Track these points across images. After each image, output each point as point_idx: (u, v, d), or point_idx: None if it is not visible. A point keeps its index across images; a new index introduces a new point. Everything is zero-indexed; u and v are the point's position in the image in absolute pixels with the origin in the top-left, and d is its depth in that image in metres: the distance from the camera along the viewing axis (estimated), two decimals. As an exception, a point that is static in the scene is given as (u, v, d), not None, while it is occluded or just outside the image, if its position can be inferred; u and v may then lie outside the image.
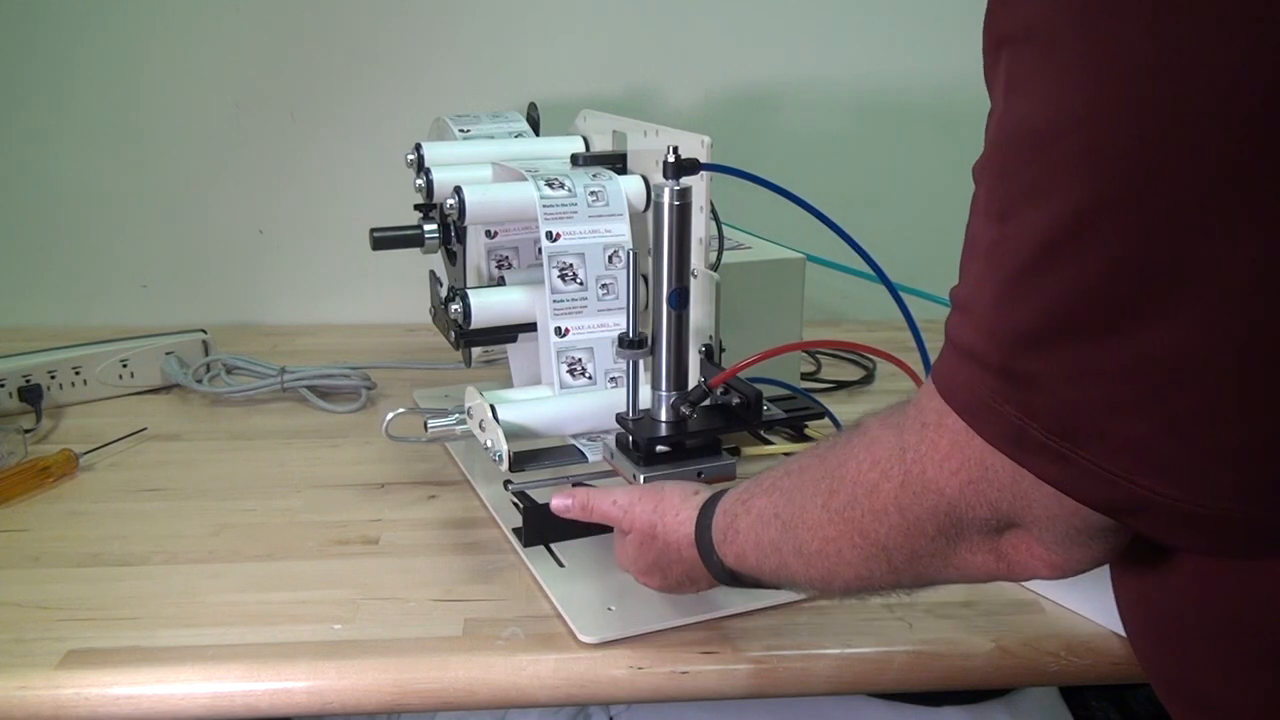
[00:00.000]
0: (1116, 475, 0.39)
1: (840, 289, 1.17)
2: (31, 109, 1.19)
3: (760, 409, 0.67)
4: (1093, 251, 0.37)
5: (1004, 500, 0.43)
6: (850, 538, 0.49)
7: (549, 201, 0.73)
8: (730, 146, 0.75)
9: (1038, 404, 0.40)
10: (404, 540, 0.77)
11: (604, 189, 0.75)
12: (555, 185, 0.74)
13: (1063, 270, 0.38)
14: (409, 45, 1.20)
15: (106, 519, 0.80)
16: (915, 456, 0.46)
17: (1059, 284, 0.38)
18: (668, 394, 0.66)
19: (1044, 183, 0.38)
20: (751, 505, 0.56)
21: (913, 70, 1.24)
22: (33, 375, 1.00)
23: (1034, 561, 0.46)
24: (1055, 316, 0.38)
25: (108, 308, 1.25)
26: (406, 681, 0.62)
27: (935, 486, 0.45)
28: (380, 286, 1.26)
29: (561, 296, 0.72)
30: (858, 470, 0.49)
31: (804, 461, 0.54)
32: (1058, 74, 0.37)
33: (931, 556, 0.48)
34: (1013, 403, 0.40)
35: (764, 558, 0.55)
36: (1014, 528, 0.45)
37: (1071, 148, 0.37)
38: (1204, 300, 0.35)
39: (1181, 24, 0.34)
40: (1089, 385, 0.38)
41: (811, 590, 0.56)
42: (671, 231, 0.64)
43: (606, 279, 0.73)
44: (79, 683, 0.61)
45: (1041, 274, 0.38)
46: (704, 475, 0.67)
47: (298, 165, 1.23)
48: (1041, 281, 0.38)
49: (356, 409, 1.02)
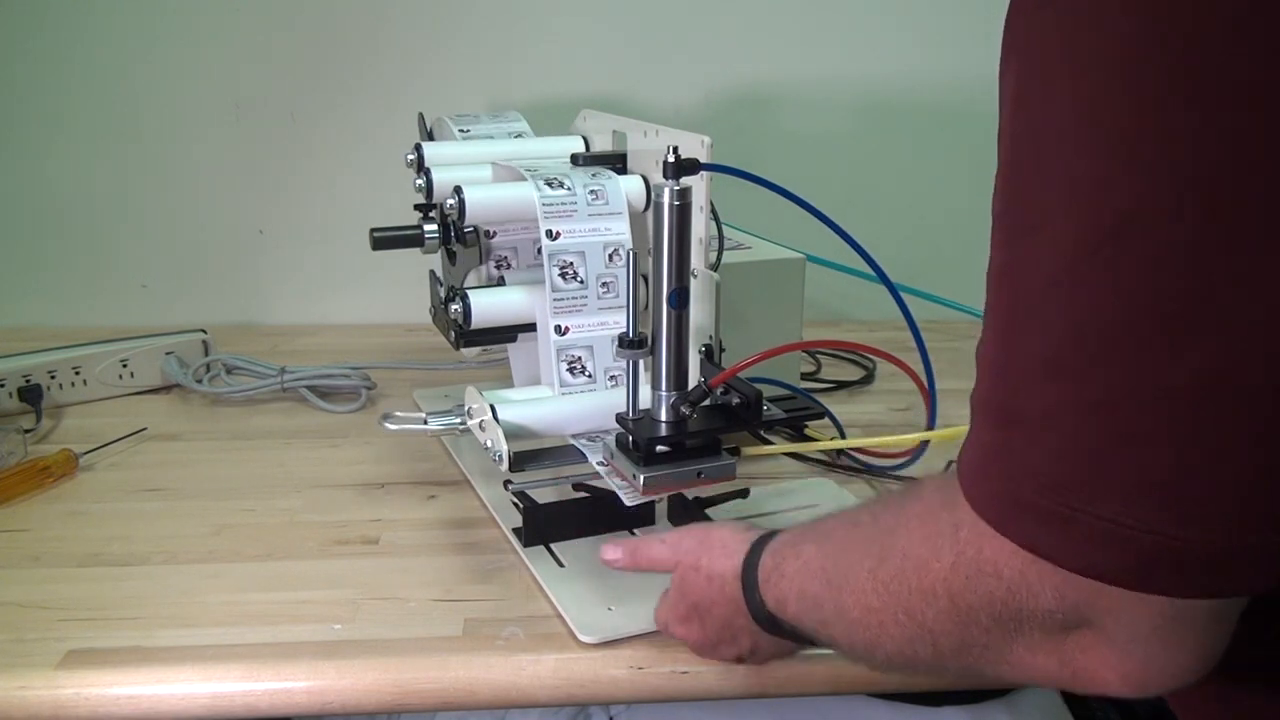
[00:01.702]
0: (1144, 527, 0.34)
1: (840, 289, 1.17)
2: (31, 109, 1.19)
3: (760, 409, 0.67)
4: (1130, 257, 0.34)
5: (1070, 587, 0.37)
6: (894, 614, 0.44)
7: (549, 200, 0.73)
8: (730, 146, 0.75)
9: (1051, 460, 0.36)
10: (404, 540, 0.77)
11: (604, 188, 0.75)
12: (555, 184, 0.74)
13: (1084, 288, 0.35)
14: (409, 45, 1.20)
15: (106, 519, 0.80)
16: (971, 534, 0.40)
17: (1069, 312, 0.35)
18: (668, 394, 0.66)
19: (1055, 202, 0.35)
20: (801, 551, 0.53)
21: (913, 70, 1.24)
22: (33, 375, 1.00)
23: (1104, 670, 0.39)
24: (1068, 344, 0.35)
25: (108, 308, 1.25)
26: (406, 681, 0.62)
27: (992, 568, 0.39)
28: (380, 286, 1.26)
29: (562, 295, 0.72)
30: (908, 542, 0.44)
31: (861, 515, 0.50)
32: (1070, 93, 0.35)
33: (984, 649, 0.42)
34: (1064, 494, 0.36)
35: (805, 610, 0.51)
36: (1083, 626, 0.39)
37: (1080, 170, 0.35)
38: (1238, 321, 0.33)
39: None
40: (1107, 416, 0.35)
41: (853, 656, 0.50)
42: (671, 231, 0.64)
43: (606, 277, 0.73)
44: (79, 683, 0.61)
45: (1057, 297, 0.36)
46: (704, 475, 0.67)
47: (297, 165, 1.23)
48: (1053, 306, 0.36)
49: (356, 409, 1.02)
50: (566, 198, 0.73)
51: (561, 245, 0.72)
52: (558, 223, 0.72)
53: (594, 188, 0.74)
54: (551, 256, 0.72)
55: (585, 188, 0.74)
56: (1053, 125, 0.36)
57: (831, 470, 0.89)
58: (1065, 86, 0.35)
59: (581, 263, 0.73)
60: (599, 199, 0.74)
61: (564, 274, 0.72)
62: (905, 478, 0.86)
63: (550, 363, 0.73)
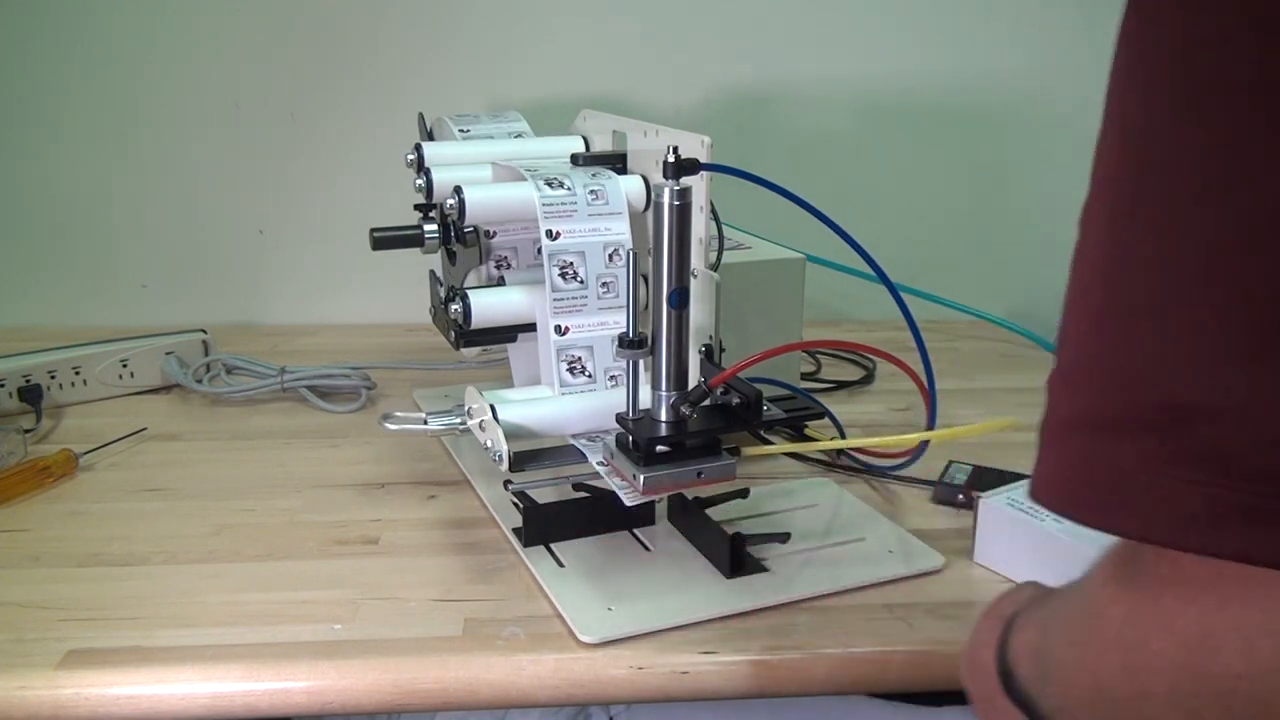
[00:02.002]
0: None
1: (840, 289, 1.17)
2: (30, 108, 1.19)
3: (760, 409, 0.67)
4: None
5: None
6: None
7: (549, 200, 0.73)
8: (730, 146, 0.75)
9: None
10: (404, 540, 0.77)
11: (604, 188, 0.75)
12: (555, 184, 0.74)
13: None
14: (409, 45, 1.20)
15: (106, 519, 0.80)
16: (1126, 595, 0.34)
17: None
18: (668, 394, 0.66)
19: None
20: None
21: (913, 70, 1.24)
22: (33, 375, 1.00)
23: None
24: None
25: (108, 308, 1.25)
26: (406, 681, 0.62)
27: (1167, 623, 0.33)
28: (380, 286, 1.26)
29: (562, 295, 0.72)
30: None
31: None
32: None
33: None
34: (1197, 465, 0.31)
35: None
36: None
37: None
38: None
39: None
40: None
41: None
42: (671, 231, 0.64)
43: (607, 277, 0.73)
44: (79, 683, 0.61)
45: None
46: (704, 475, 0.66)
47: (298, 165, 1.23)
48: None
49: (356, 409, 1.02)
50: (566, 198, 0.73)
51: (561, 245, 0.72)
52: (558, 223, 0.72)
53: (594, 188, 0.74)
54: (552, 256, 0.72)
55: (585, 188, 0.74)
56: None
57: (831, 470, 0.89)
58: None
59: (581, 263, 0.73)
60: (599, 199, 0.74)
61: (564, 274, 0.72)
62: (906, 478, 0.86)
63: (550, 363, 0.73)
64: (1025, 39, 1.23)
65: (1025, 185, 1.29)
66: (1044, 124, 1.26)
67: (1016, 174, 1.29)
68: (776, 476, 0.87)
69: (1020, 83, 1.24)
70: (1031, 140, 1.27)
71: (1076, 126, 1.25)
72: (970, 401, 1.03)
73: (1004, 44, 1.23)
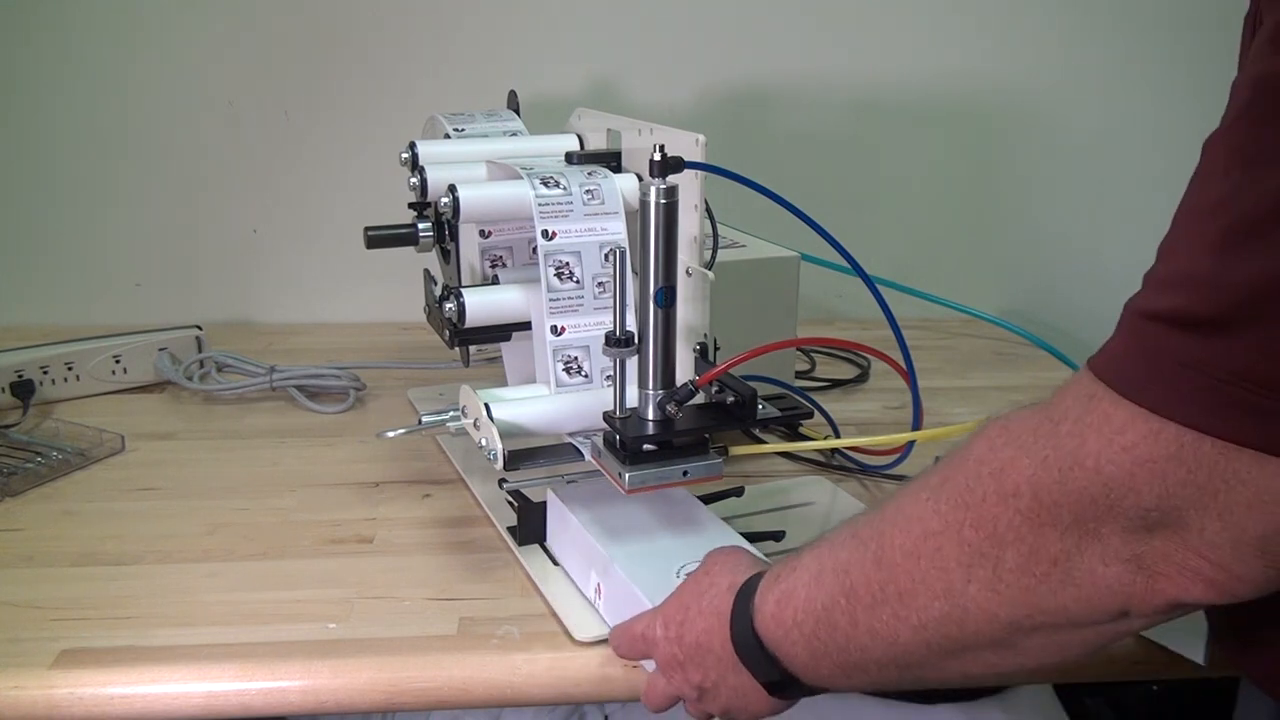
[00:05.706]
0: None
1: (835, 287, 1.18)
2: (25, 107, 1.19)
3: (755, 407, 0.67)
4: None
5: (1185, 485, 0.37)
6: (960, 531, 0.43)
7: (544, 200, 0.72)
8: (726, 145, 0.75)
9: (1259, 361, 0.36)
10: (398, 539, 0.77)
11: (599, 187, 0.74)
12: (550, 184, 0.74)
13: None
14: (403, 44, 1.20)
15: (100, 518, 0.80)
16: (1073, 429, 0.40)
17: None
18: (655, 393, 0.66)
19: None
20: (800, 561, 0.51)
21: (907, 69, 1.24)
22: (25, 370, 0.99)
23: (1184, 576, 0.39)
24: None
25: (102, 307, 1.25)
26: (401, 680, 0.62)
27: (1091, 463, 0.39)
28: (374, 285, 1.25)
29: (558, 295, 0.72)
30: (988, 449, 0.43)
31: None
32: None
33: (1050, 565, 0.41)
34: (1223, 365, 0.36)
35: (816, 603, 0.49)
36: (1172, 528, 0.38)
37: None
38: None
39: None
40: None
41: (873, 634, 0.47)
42: (658, 230, 0.63)
43: (603, 277, 0.73)
44: (73, 682, 0.61)
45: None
46: (689, 474, 0.66)
47: (292, 164, 1.23)
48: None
49: (344, 410, 1.01)
50: (562, 197, 0.73)
51: (557, 245, 0.72)
52: (553, 223, 0.72)
53: (590, 187, 0.74)
54: (547, 257, 0.72)
55: (581, 187, 0.74)
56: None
57: (825, 469, 0.89)
58: None
59: (578, 263, 0.72)
60: (595, 198, 0.74)
61: (560, 274, 0.72)
62: (898, 476, 0.86)
63: (546, 362, 0.73)
64: (1020, 39, 1.23)
65: (1019, 184, 1.29)
66: (1038, 124, 1.26)
67: (1010, 173, 1.29)
68: (771, 475, 0.87)
69: (1015, 82, 1.24)
70: (1025, 140, 1.27)
71: (1071, 126, 1.25)
72: (964, 399, 1.03)
73: (999, 43, 1.23)
